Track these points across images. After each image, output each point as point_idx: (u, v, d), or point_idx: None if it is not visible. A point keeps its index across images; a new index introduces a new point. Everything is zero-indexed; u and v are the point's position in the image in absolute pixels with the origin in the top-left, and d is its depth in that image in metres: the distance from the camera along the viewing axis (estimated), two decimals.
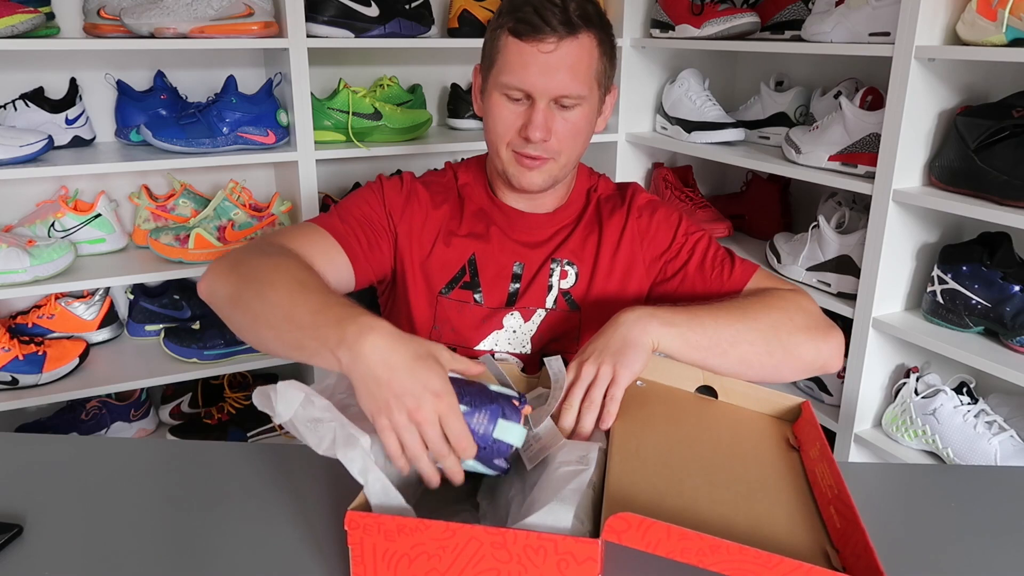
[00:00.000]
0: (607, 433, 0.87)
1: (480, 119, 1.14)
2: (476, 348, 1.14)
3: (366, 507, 0.73)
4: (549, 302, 1.14)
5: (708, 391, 0.99)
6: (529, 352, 1.14)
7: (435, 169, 1.26)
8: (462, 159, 1.25)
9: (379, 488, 0.73)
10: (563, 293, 1.15)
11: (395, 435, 0.74)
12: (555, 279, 1.15)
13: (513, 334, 1.14)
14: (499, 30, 1.05)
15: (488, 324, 1.14)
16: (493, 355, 1.14)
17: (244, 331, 0.92)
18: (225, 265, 0.96)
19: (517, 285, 1.15)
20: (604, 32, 1.07)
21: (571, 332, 1.15)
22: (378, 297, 1.26)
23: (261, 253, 0.96)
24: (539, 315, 1.14)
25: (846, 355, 1.65)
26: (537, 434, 0.84)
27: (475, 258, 1.15)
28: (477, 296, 1.14)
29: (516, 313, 1.14)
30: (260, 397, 0.77)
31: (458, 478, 0.78)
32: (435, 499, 0.85)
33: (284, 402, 0.76)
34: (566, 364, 0.93)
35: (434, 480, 0.77)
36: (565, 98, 1.04)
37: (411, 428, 0.74)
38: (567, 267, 1.15)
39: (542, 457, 0.82)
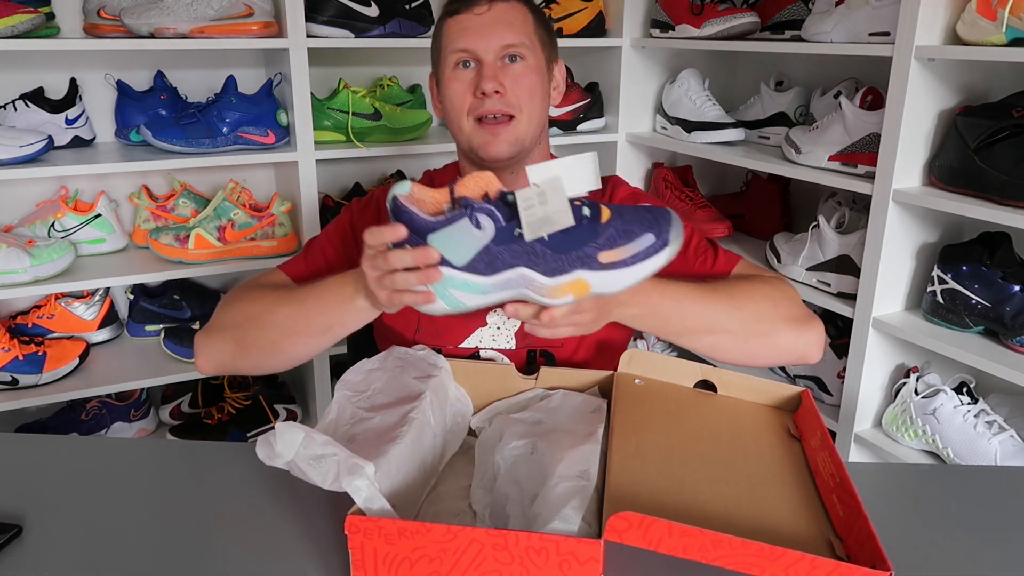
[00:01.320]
0: (607, 433, 0.87)
1: None
2: (460, 346, 1.14)
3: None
4: None
5: (708, 385, 1.00)
6: (514, 348, 1.14)
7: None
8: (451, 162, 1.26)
9: (382, 515, 0.73)
10: None
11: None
12: None
13: (497, 330, 1.14)
14: (439, 22, 1.15)
15: (472, 322, 1.14)
16: (479, 353, 1.14)
17: (267, 359, 1.08)
18: (210, 334, 1.10)
19: None
20: (532, 6, 1.14)
21: None
22: None
23: (234, 304, 1.10)
24: None
25: (845, 354, 1.66)
26: (538, 188, 0.81)
27: None
28: None
29: (499, 309, 1.14)
30: (262, 446, 0.78)
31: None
32: (435, 508, 0.86)
33: (284, 443, 0.76)
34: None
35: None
36: (509, 48, 1.09)
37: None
38: None
39: (545, 231, 0.80)
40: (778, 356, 1.07)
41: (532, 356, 1.14)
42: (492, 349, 1.14)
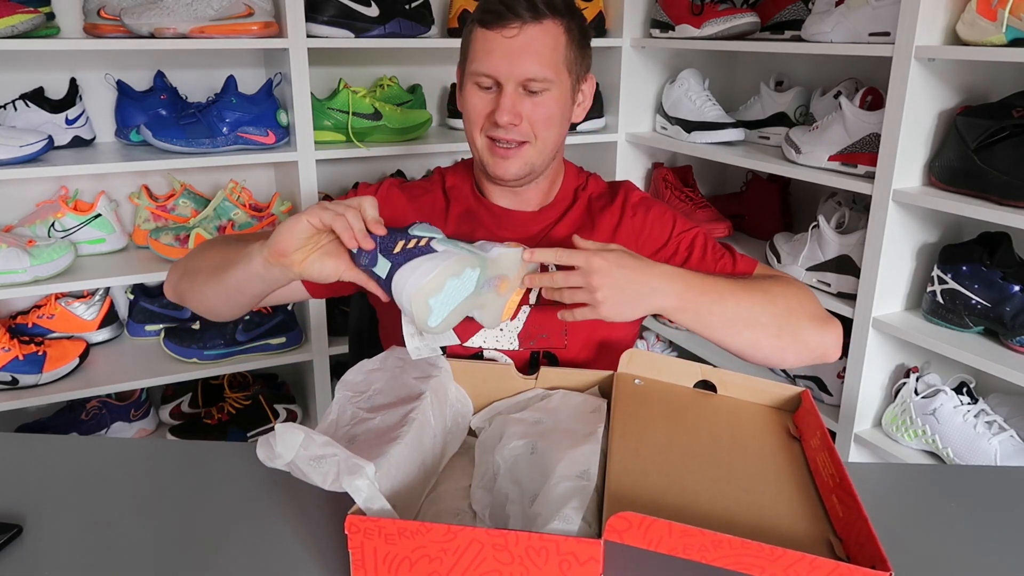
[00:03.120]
0: (607, 433, 0.87)
1: None
2: (465, 345, 1.14)
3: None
4: (532, 298, 1.14)
5: (707, 386, 1.00)
6: (517, 348, 1.14)
7: (419, 179, 1.27)
8: (461, 159, 1.25)
9: (382, 515, 0.73)
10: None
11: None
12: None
13: (500, 331, 1.14)
14: (470, 24, 1.10)
15: (474, 323, 1.14)
16: (482, 353, 1.14)
17: (200, 295, 1.10)
18: (174, 268, 1.17)
19: None
20: (572, 20, 1.09)
21: (557, 328, 1.14)
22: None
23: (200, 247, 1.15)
24: (524, 311, 1.14)
25: (845, 354, 1.66)
26: (496, 260, 0.89)
27: None
28: None
29: None
30: (263, 448, 0.78)
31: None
32: (435, 508, 0.86)
33: (284, 444, 0.76)
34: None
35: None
36: (532, 82, 1.06)
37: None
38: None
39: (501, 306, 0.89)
40: (806, 354, 1.07)
41: (535, 357, 1.14)
42: (495, 349, 1.14)
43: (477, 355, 1.14)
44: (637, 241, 1.17)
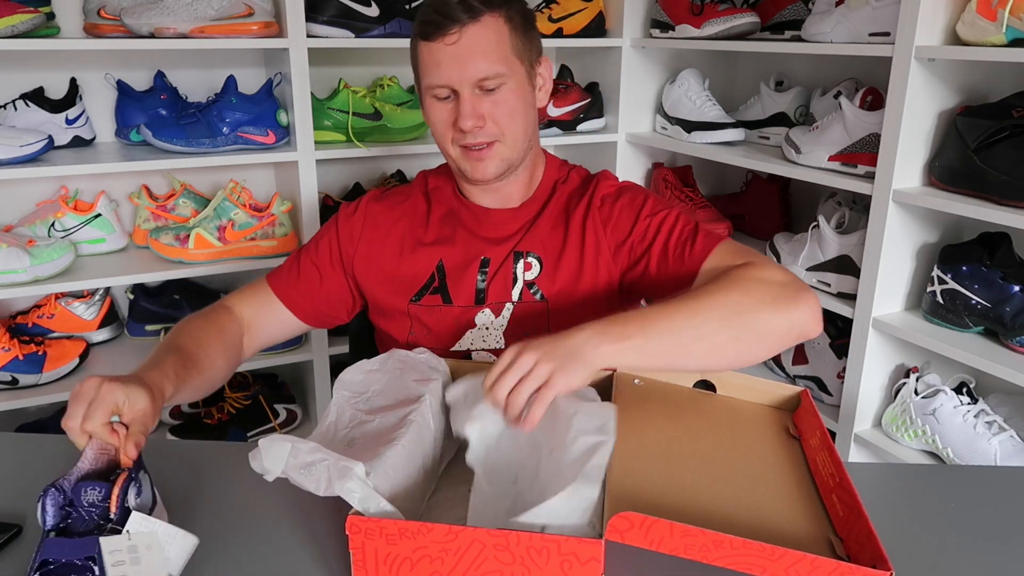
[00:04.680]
0: None
1: None
2: (453, 349, 1.15)
3: None
4: (515, 295, 1.14)
5: (707, 385, 1.00)
6: (503, 347, 1.14)
7: (404, 184, 1.28)
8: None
9: (382, 515, 0.73)
10: (528, 285, 1.15)
11: None
12: (519, 271, 1.15)
13: (486, 331, 1.14)
14: (413, 40, 1.10)
15: (461, 324, 1.15)
16: (471, 355, 1.14)
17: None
18: None
19: (484, 281, 1.15)
20: (511, 8, 1.08)
21: (540, 324, 1.14)
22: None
23: (196, 316, 1.13)
24: (508, 309, 1.14)
25: (845, 354, 1.66)
26: (130, 542, 0.73)
27: (443, 264, 1.16)
28: (447, 298, 1.15)
29: (487, 310, 1.15)
30: (254, 460, 0.77)
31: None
32: (436, 506, 0.86)
33: (271, 457, 0.75)
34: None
35: None
36: (485, 80, 1.05)
37: None
38: (531, 259, 1.15)
39: None
40: (777, 342, 0.96)
41: None
42: (483, 350, 1.14)
43: (465, 357, 1.14)
44: (605, 231, 1.14)
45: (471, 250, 1.16)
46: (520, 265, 1.15)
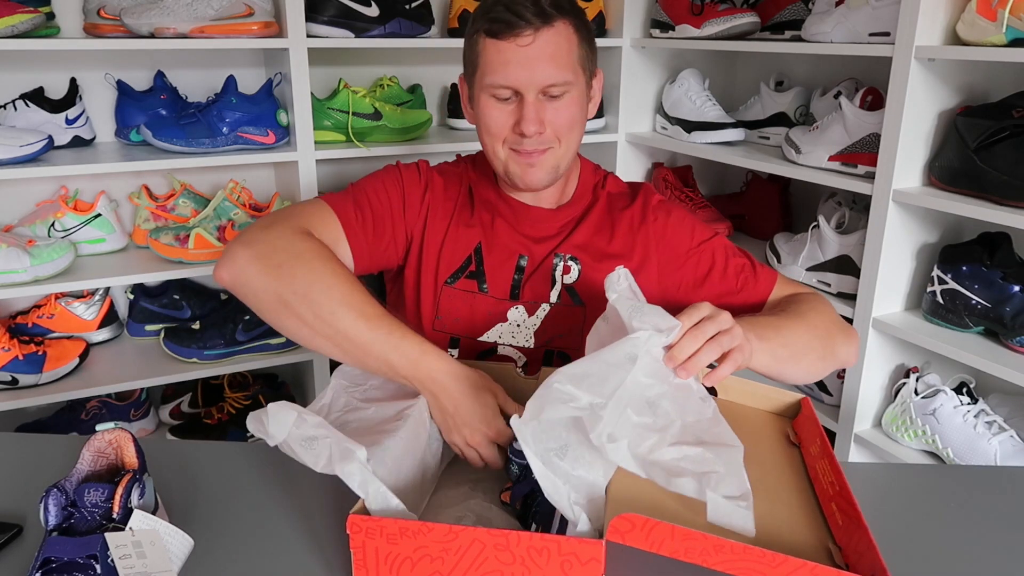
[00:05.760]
0: None
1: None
2: (480, 339, 1.14)
3: (367, 512, 0.73)
4: (553, 296, 1.14)
5: (708, 389, 0.99)
6: (532, 346, 1.14)
7: (449, 161, 1.25)
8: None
9: (380, 499, 0.73)
10: (566, 288, 1.15)
11: (461, 447, 0.93)
12: (558, 274, 1.15)
13: (517, 328, 1.14)
14: (476, 35, 1.07)
15: (492, 316, 1.14)
16: (496, 348, 1.14)
17: (294, 334, 0.98)
18: (253, 254, 0.97)
19: (520, 278, 1.15)
20: (578, 18, 1.08)
21: (575, 328, 1.14)
22: (385, 283, 1.27)
23: (288, 242, 0.99)
24: (543, 309, 1.14)
25: None
26: (134, 538, 0.73)
27: (481, 247, 1.15)
28: (483, 286, 1.14)
29: (521, 307, 1.14)
30: (253, 422, 0.77)
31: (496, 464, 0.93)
32: (436, 507, 0.86)
33: (276, 423, 0.76)
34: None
35: (478, 463, 0.93)
36: (552, 87, 1.05)
37: (469, 449, 0.92)
38: (570, 262, 1.15)
39: None
40: (838, 366, 1.12)
41: (549, 355, 1.14)
42: (511, 346, 1.14)
43: (491, 350, 1.14)
44: (658, 245, 1.17)
45: (510, 243, 1.16)
46: (560, 268, 1.15)
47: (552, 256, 1.15)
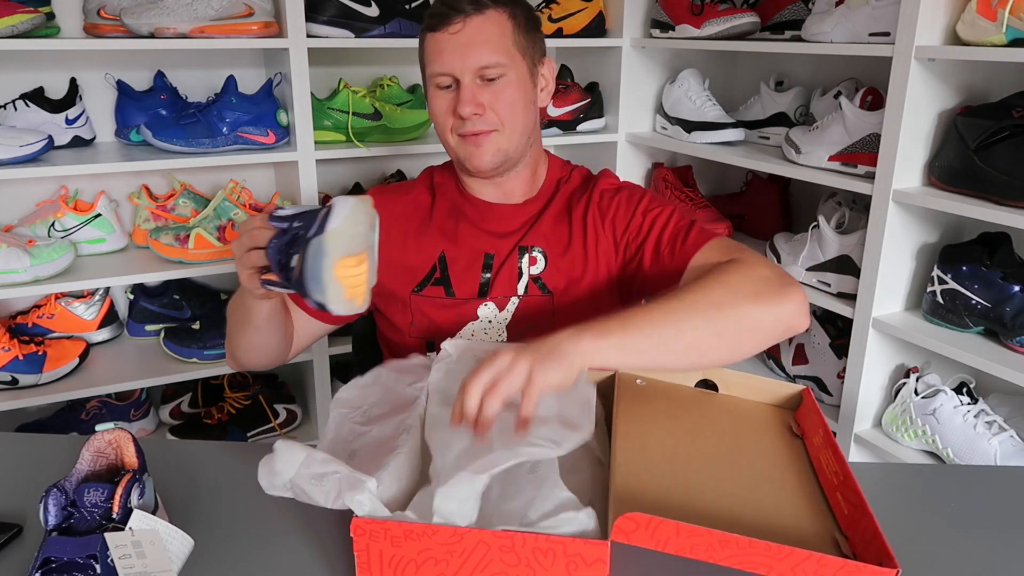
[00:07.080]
0: (609, 433, 0.87)
1: None
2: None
3: None
4: (520, 288, 1.16)
5: (708, 385, 1.00)
6: (505, 340, 1.15)
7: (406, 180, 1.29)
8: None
9: None
10: (533, 279, 1.16)
11: None
12: (524, 265, 1.16)
13: (489, 324, 1.15)
14: (421, 33, 1.14)
15: (463, 316, 1.16)
16: None
17: (240, 353, 1.15)
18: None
19: (488, 275, 1.17)
20: (515, 7, 1.12)
21: (546, 316, 1.16)
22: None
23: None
24: (512, 303, 1.16)
25: (845, 354, 1.66)
26: (133, 538, 0.74)
27: (444, 256, 1.18)
28: (450, 291, 1.17)
29: (490, 303, 1.16)
30: (263, 474, 0.76)
31: None
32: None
33: (285, 461, 0.76)
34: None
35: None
36: (486, 69, 1.08)
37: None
38: (535, 253, 1.17)
39: None
40: (762, 337, 0.95)
41: None
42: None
43: None
44: (604, 225, 1.16)
45: (475, 244, 1.18)
46: (525, 260, 1.16)
47: (516, 249, 1.17)
